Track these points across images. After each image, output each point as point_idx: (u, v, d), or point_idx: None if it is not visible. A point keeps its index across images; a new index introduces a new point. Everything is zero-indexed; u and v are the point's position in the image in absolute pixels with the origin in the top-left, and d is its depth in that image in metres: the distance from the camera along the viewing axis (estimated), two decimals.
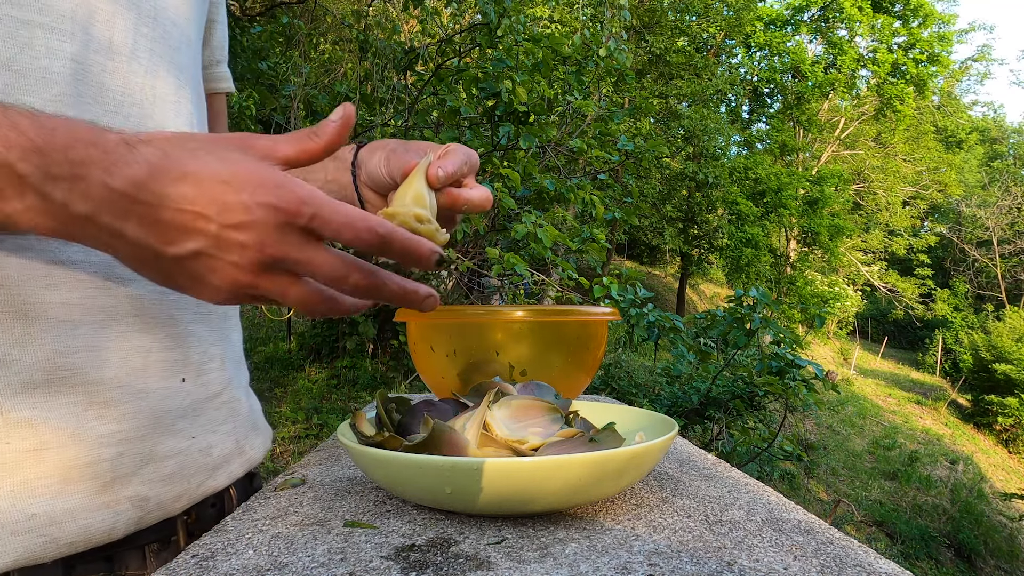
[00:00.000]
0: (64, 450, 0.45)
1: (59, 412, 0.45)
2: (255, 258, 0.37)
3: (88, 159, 0.35)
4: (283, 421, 4.58)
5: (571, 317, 0.77)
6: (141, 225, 0.36)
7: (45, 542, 0.44)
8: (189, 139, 0.38)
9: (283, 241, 0.37)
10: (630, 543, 0.45)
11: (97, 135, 0.36)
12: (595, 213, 3.97)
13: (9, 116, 0.35)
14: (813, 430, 11.50)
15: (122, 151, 0.36)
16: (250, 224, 0.36)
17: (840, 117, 21.75)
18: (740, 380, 4.30)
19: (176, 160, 0.36)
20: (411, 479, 0.48)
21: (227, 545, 0.46)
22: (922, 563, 7.76)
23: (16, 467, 0.43)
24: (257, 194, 0.36)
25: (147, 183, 0.35)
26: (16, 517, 0.43)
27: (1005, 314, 18.53)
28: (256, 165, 0.37)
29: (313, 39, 6.00)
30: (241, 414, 0.63)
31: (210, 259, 0.37)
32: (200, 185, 0.36)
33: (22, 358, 0.43)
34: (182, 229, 0.36)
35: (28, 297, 0.43)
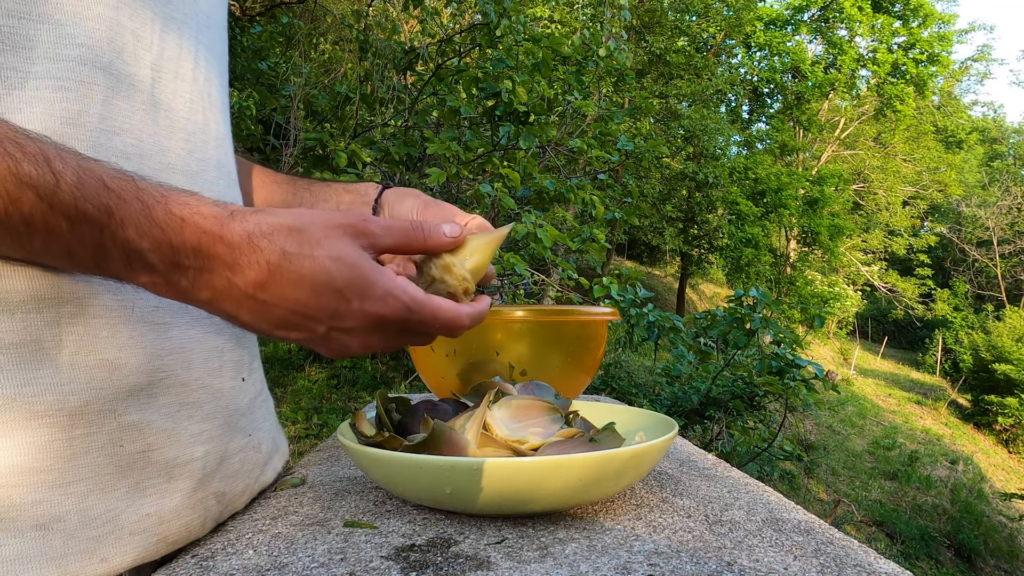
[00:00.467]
0: (165, 450, 0.47)
1: (160, 413, 0.47)
2: (356, 351, 0.44)
3: (214, 255, 0.39)
4: (283, 421, 4.58)
5: (571, 317, 0.77)
6: (255, 315, 0.41)
7: (157, 540, 0.46)
8: (306, 232, 0.40)
9: (382, 338, 0.43)
10: (630, 543, 0.45)
11: (223, 225, 0.39)
12: (595, 213, 3.97)
13: (144, 200, 0.38)
14: (813, 430, 11.49)
15: (245, 248, 0.39)
16: (357, 329, 0.42)
17: (840, 117, 21.74)
18: (740, 380, 4.30)
19: (294, 260, 0.39)
20: (411, 479, 0.48)
21: (227, 545, 0.46)
22: (922, 563, 7.76)
23: (129, 469, 0.45)
24: (366, 303, 0.41)
25: (267, 285, 0.39)
26: (132, 517, 0.45)
27: (1005, 314, 18.53)
28: (367, 271, 0.41)
29: (313, 39, 5.99)
30: (272, 411, 0.66)
31: (314, 345, 0.43)
32: (315, 290, 0.40)
33: (129, 361, 0.45)
34: (291, 325, 0.41)
35: (132, 301, 0.45)
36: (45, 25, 0.41)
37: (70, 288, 0.41)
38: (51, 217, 0.35)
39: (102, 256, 0.37)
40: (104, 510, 0.43)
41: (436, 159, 3.88)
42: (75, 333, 0.42)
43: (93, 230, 0.36)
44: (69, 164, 0.36)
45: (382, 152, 3.72)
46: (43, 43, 0.41)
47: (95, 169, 0.37)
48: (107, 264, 0.38)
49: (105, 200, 0.36)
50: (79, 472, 0.42)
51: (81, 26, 0.43)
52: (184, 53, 0.52)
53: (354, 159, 3.31)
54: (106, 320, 0.43)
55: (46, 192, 0.35)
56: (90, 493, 0.42)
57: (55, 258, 0.38)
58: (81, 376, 0.42)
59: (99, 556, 0.43)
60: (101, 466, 0.43)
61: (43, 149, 0.36)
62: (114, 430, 0.44)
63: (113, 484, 0.44)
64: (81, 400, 0.42)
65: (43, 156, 0.35)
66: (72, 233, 0.36)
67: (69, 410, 0.41)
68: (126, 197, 0.37)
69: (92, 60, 0.43)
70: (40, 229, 0.36)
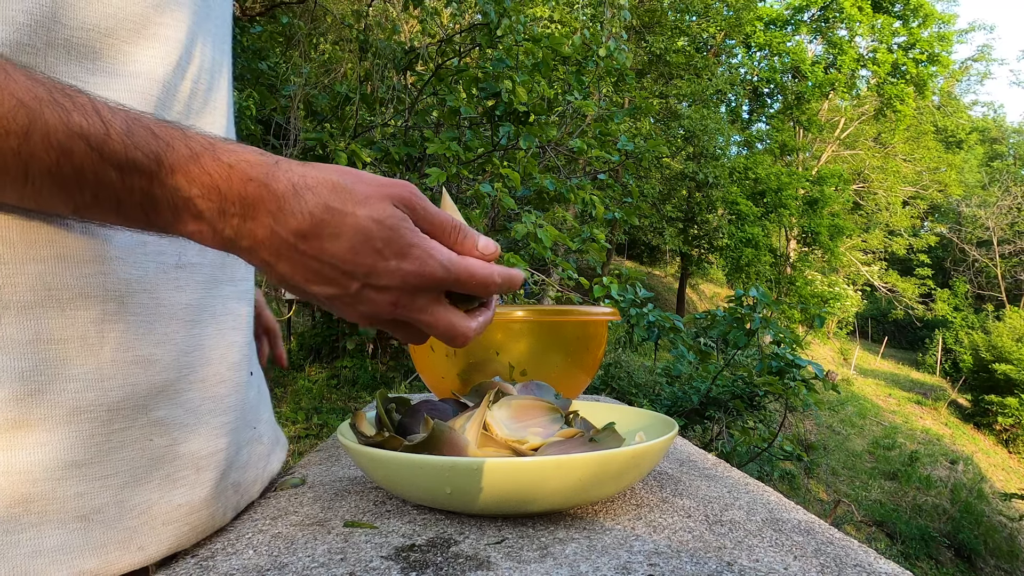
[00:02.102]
0: (191, 443, 0.48)
1: (185, 408, 0.48)
2: (384, 313, 0.42)
3: (259, 201, 0.39)
4: (283, 421, 4.58)
5: (571, 317, 0.77)
6: (292, 266, 0.40)
7: (188, 530, 0.48)
8: (351, 189, 0.41)
9: (413, 303, 0.42)
10: (630, 543, 0.45)
11: (268, 174, 0.39)
12: (595, 213, 3.97)
13: (192, 147, 0.38)
14: (813, 430, 11.49)
15: (289, 198, 0.39)
16: (392, 288, 0.41)
17: (840, 117, 21.74)
18: (740, 380, 4.30)
19: (336, 215, 0.39)
20: (411, 479, 0.48)
21: (227, 545, 0.46)
22: (922, 563, 7.76)
23: (160, 461, 0.46)
24: (404, 263, 0.40)
25: (308, 236, 0.39)
26: (165, 508, 0.46)
27: (1005, 314, 18.53)
28: (407, 234, 0.41)
29: (313, 39, 6.00)
30: (270, 405, 0.67)
31: (344, 304, 0.42)
32: (354, 247, 0.40)
33: (163, 357, 0.46)
34: (327, 279, 0.41)
35: (163, 299, 0.46)
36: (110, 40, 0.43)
37: (114, 285, 0.43)
38: (101, 167, 0.36)
39: (151, 206, 0.38)
40: (139, 501, 0.45)
41: (436, 159, 3.88)
42: (116, 330, 0.43)
43: (143, 178, 0.37)
44: (118, 114, 0.37)
45: (382, 152, 3.72)
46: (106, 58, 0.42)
47: (143, 119, 0.38)
48: (155, 214, 0.38)
49: (154, 147, 0.37)
50: (116, 465, 0.43)
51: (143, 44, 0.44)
52: (216, 64, 0.53)
53: (354, 159, 3.31)
54: (143, 317, 0.45)
55: (97, 141, 0.35)
56: (126, 485, 0.44)
57: (103, 211, 0.38)
58: (120, 372, 0.43)
59: (136, 545, 0.44)
60: (136, 459, 0.45)
61: (92, 100, 0.36)
62: (145, 425, 0.45)
63: (147, 476, 0.45)
64: (119, 396, 0.43)
65: (92, 107, 0.36)
66: (122, 183, 0.36)
67: (108, 405, 0.43)
68: (175, 144, 0.37)
69: (151, 74, 0.45)
70: (91, 180, 0.36)
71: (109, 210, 0.38)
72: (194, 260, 0.49)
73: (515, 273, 0.47)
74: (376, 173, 3.64)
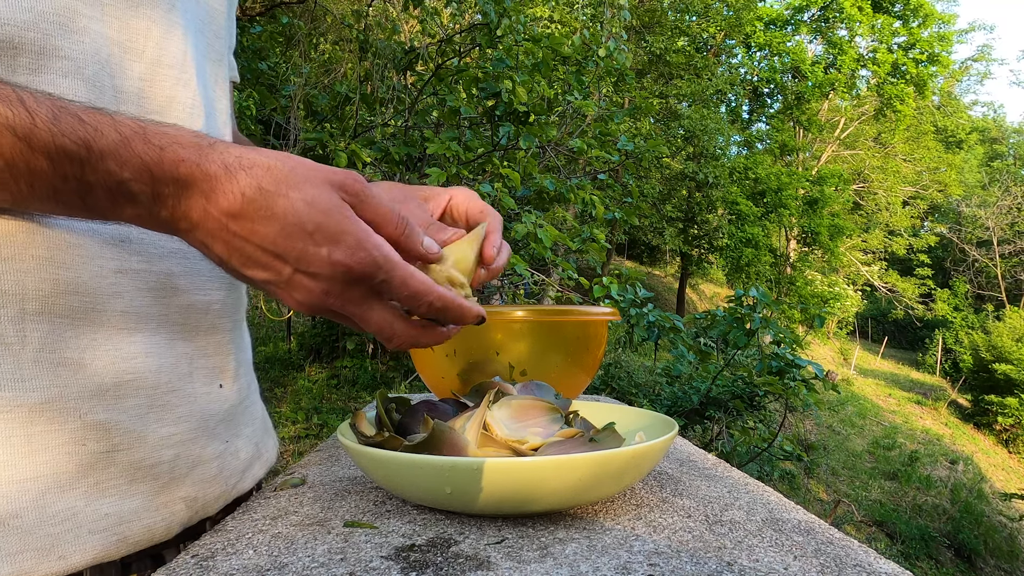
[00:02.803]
0: (131, 452, 0.47)
1: (127, 415, 0.47)
2: (316, 302, 0.42)
3: (192, 182, 0.38)
4: (283, 421, 4.58)
5: (571, 317, 0.77)
6: (227, 248, 0.40)
7: (117, 540, 0.46)
8: (287, 173, 0.40)
9: (345, 294, 0.42)
10: (630, 543, 0.45)
11: (202, 155, 0.39)
12: (595, 213, 3.97)
13: (122, 132, 0.37)
14: (813, 430, 11.49)
15: (222, 178, 0.39)
16: (322, 276, 0.40)
17: (840, 117, 21.74)
18: (740, 380, 4.30)
19: (268, 197, 0.39)
20: (411, 479, 0.48)
21: (227, 545, 0.46)
22: (922, 563, 7.76)
23: (91, 468, 0.44)
24: (335, 251, 0.40)
25: (238, 217, 0.39)
26: (92, 516, 0.44)
27: (1005, 314, 18.53)
28: (339, 217, 0.40)
29: (313, 39, 6.00)
30: (258, 418, 0.65)
31: (277, 289, 0.42)
32: (284, 229, 0.39)
33: (93, 362, 0.44)
34: (259, 263, 0.40)
35: (98, 304, 0.45)
36: (31, 33, 0.41)
37: (36, 285, 0.41)
38: (31, 157, 0.35)
39: (87, 192, 0.37)
40: (62, 508, 0.43)
41: (436, 159, 3.88)
42: (39, 331, 0.42)
43: (74, 165, 0.36)
44: (43, 103, 0.36)
45: (382, 152, 3.72)
46: (26, 54, 0.41)
47: (69, 107, 0.37)
48: (93, 200, 0.38)
49: (82, 134, 0.36)
50: (37, 469, 0.42)
51: (67, 39, 0.43)
52: (187, 60, 0.52)
53: (354, 159, 3.31)
54: (71, 320, 0.43)
55: (23, 131, 0.35)
56: (48, 490, 0.42)
57: (42, 201, 0.38)
58: (44, 374, 0.42)
59: (57, 554, 0.42)
60: (61, 464, 0.43)
61: (16, 91, 0.36)
62: (78, 429, 0.43)
63: (73, 483, 0.43)
64: (42, 397, 0.42)
65: (16, 97, 0.35)
66: (54, 171, 0.36)
67: (29, 407, 0.41)
68: (103, 130, 0.37)
69: (74, 72, 0.43)
70: (23, 170, 0.36)
71: (47, 199, 0.37)
72: (138, 267, 0.48)
73: (461, 306, 0.45)
74: (376, 173, 3.60)
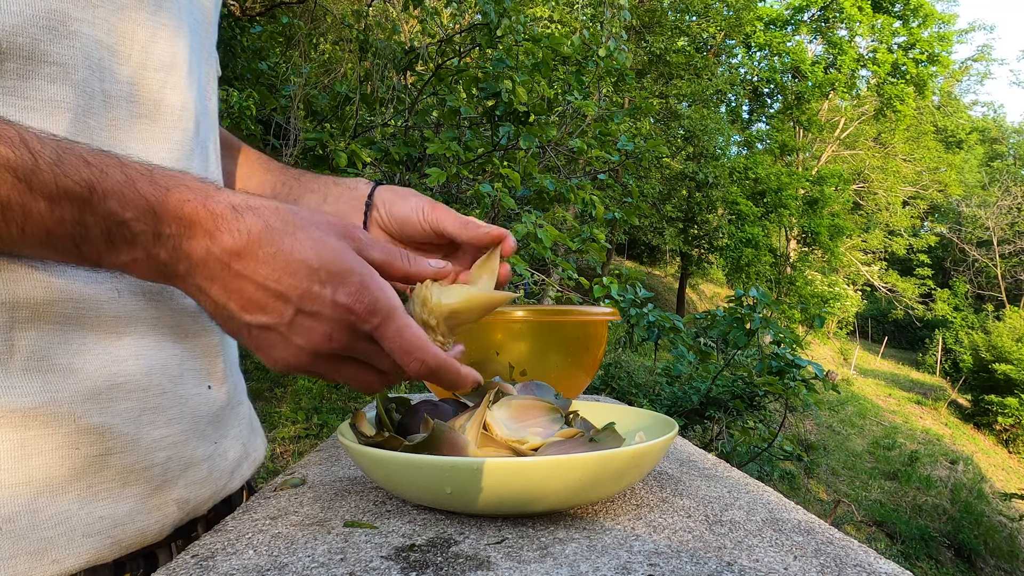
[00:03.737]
0: (124, 455, 0.47)
1: (120, 418, 0.46)
2: (320, 345, 0.41)
3: (196, 221, 0.38)
4: (283, 421, 4.58)
5: (571, 317, 0.77)
6: (226, 290, 0.39)
7: (111, 543, 0.46)
8: (294, 214, 0.40)
9: (349, 338, 0.41)
10: (630, 543, 0.45)
11: (207, 195, 0.38)
12: (595, 213, 3.97)
13: (128, 173, 0.37)
14: (813, 430, 11.49)
15: (228, 217, 0.38)
16: (324, 318, 0.39)
17: (840, 117, 21.74)
18: (740, 380, 4.30)
19: (276, 234, 0.39)
20: (411, 479, 0.48)
21: (227, 545, 0.46)
22: (922, 563, 7.76)
23: (84, 472, 0.44)
24: (339, 291, 0.39)
25: (243, 255, 0.38)
26: (86, 519, 0.44)
27: (1005, 314, 18.53)
28: (346, 257, 0.40)
29: (313, 39, 6.00)
30: (244, 418, 0.64)
31: (279, 335, 0.40)
32: (290, 267, 0.39)
33: (84, 366, 0.44)
34: (260, 305, 0.39)
35: (90, 309, 0.45)
36: (20, 38, 0.40)
37: (27, 292, 0.41)
38: (30, 200, 0.35)
39: (82, 235, 0.37)
40: (56, 512, 0.43)
41: (436, 159, 3.88)
42: (28, 338, 0.41)
43: (73, 207, 0.36)
44: (48, 144, 0.36)
45: (382, 152, 3.72)
46: (14, 59, 0.40)
47: (75, 148, 0.37)
48: (87, 245, 0.37)
49: (86, 175, 0.36)
50: (30, 473, 0.41)
51: (57, 43, 0.42)
52: (176, 62, 0.51)
53: (354, 159, 3.31)
54: (60, 327, 0.43)
55: (24, 173, 0.34)
56: (41, 494, 0.42)
57: (32, 246, 0.37)
58: (33, 381, 0.42)
59: (51, 557, 0.42)
60: (54, 468, 0.43)
61: (20, 132, 0.35)
62: (72, 433, 0.43)
63: (65, 487, 0.43)
64: (35, 403, 0.42)
65: (20, 138, 0.35)
66: (51, 213, 0.35)
67: (22, 412, 0.41)
68: (108, 171, 0.37)
69: (63, 77, 0.42)
70: (17, 214, 0.35)
71: (37, 244, 0.37)
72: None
73: (458, 371, 0.44)
74: (376, 173, 3.59)
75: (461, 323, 0.49)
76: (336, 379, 0.44)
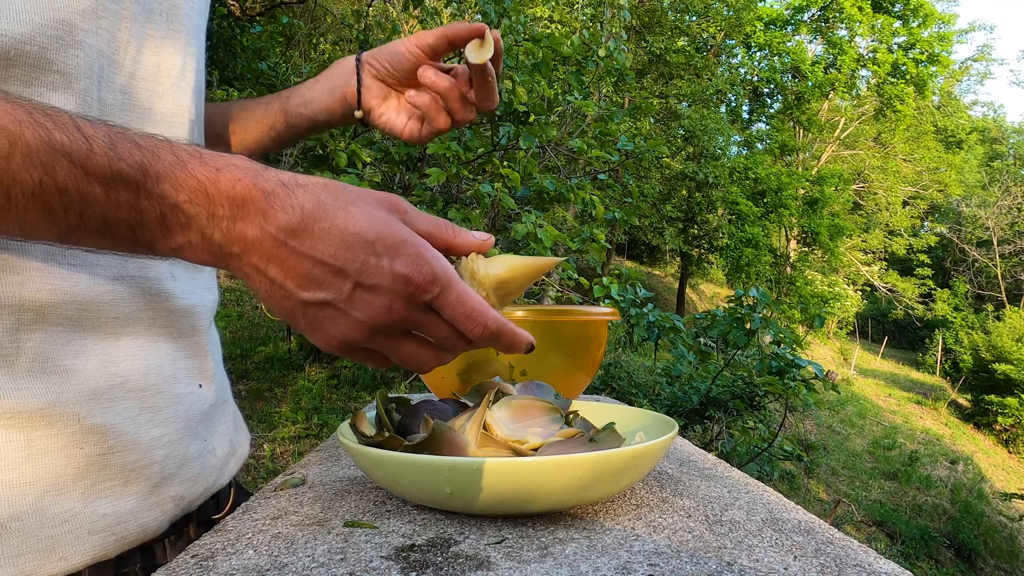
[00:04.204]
0: (125, 454, 0.48)
1: (120, 418, 0.47)
2: (380, 318, 0.40)
3: (249, 200, 0.38)
4: (283, 421, 4.58)
5: (571, 317, 0.77)
6: (283, 268, 0.39)
7: (115, 540, 0.47)
8: (343, 189, 0.40)
9: (409, 308, 0.40)
10: (630, 543, 0.45)
11: (257, 174, 0.38)
12: (595, 213, 3.97)
13: (179, 155, 0.37)
14: (813, 430, 11.50)
15: (280, 194, 0.38)
16: (383, 289, 0.39)
17: (840, 117, 21.74)
18: (740, 380, 4.30)
19: (329, 210, 0.39)
20: (411, 479, 0.48)
21: (227, 545, 0.46)
22: (922, 563, 7.76)
23: (87, 470, 0.45)
24: (396, 263, 0.39)
25: (298, 232, 0.38)
26: (91, 517, 0.45)
27: (1005, 314, 18.53)
28: (398, 228, 0.40)
29: (313, 39, 6.00)
30: (230, 415, 0.65)
31: (337, 311, 0.40)
32: (346, 241, 0.38)
33: (85, 367, 0.45)
34: (317, 281, 0.39)
35: (93, 311, 0.45)
36: (28, 46, 0.41)
37: (32, 295, 0.42)
38: (85, 184, 0.35)
39: (137, 220, 0.37)
40: (62, 510, 0.44)
41: (436, 159, 3.88)
42: (33, 340, 0.42)
43: (128, 191, 0.36)
44: (100, 129, 0.36)
45: (382, 152, 3.72)
46: (20, 66, 0.41)
47: (126, 133, 0.37)
48: (142, 229, 0.37)
49: (139, 158, 0.36)
50: (36, 473, 0.42)
51: (63, 52, 0.43)
52: (163, 71, 0.52)
53: (354, 159, 3.31)
54: (64, 328, 0.44)
55: (79, 157, 0.35)
56: (47, 493, 0.43)
57: (88, 233, 0.37)
58: (38, 382, 0.42)
59: (58, 555, 0.43)
60: (59, 467, 0.43)
61: (73, 118, 0.36)
62: (76, 433, 0.44)
63: (70, 486, 0.44)
64: (40, 403, 0.42)
65: (73, 124, 0.35)
66: (107, 197, 0.36)
67: (28, 413, 0.42)
68: (160, 154, 0.37)
69: (64, 86, 0.43)
70: (75, 199, 0.35)
71: (95, 230, 0.37)
72: (135, 273, 0.48)
73: (514, 331, 0.43)
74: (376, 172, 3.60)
75: (510, 292, 0.49)
76: (392, 358, 0.43)
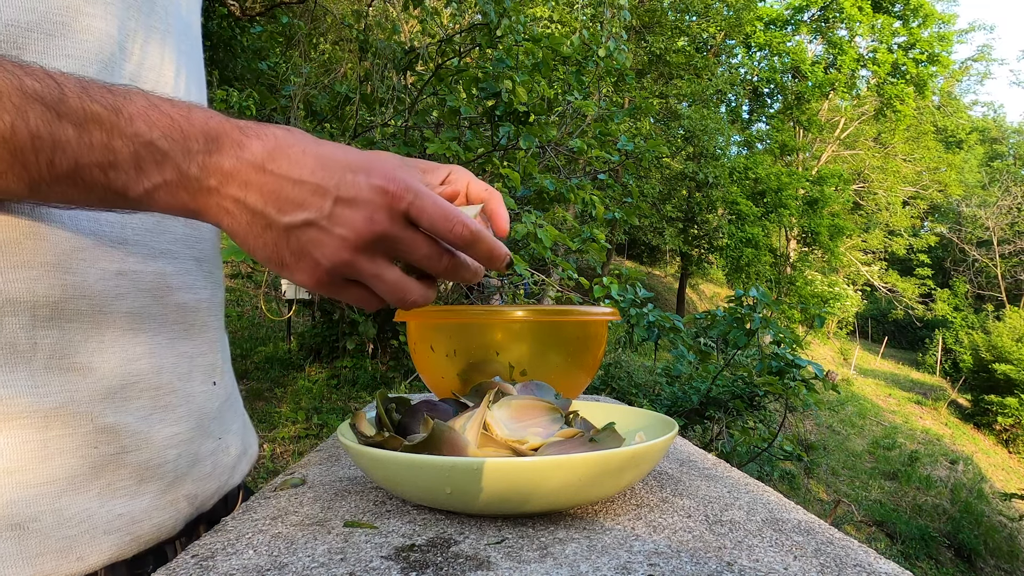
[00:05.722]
0: (139, 453, 0.48)
1: (134, 416, 0.47)
2: (363, 232, 0.40)
3: (223, 133, 0.39)
4: (283, 421, 4.58)
5: (571, 317, 0.77)
6: (263, 194, 0.39)
7: (130, 539, 0.47)
8: (305, 132, 0.42)
9: (390, 219, 0.40)
10: (630, 543, 0.45)
11: (228, 118, 0.40)
12: (595, 213, 3.97)
13: (151, 100, 0.38)
14: (813, 430, 11.50)
15: (252, 128, 0.40)
16: (362, 202, 0.40)
17: (840, 117, 21.74)
18: (740, 380, 4.30)
19: (300, 138, 0.41)
20: (411, 479, 0.48)
21: (227, 545, 0.46)
22: (922, 563, 7.76)
23: (103, 470, 0.45)
24: (372, 176, 0.40)
25: (275, 155, 0.39)
26: (106, 517, 0.45)
27: (1005, 314, 18.53)
28: (373, 155, 0.42)
29: (313, 39, 6.00)
30: (240, 414, 0.65)
31: (319, 231, 0.40)
32: (321, 160, 0.40)
33: (101, 365, 0.45)
34: (297, 202, 0.40)
35: (103, 306, 0.45)
36: (34, 34, 0.41)
37: (46, 291, 0.42)
38: (58, 127, 0.35)
39: (110, 161, 0.37)
40: (79, 510, 0.44)
41: (436, 159, 3.88)
42: (50, 337, 0.42)
43: (101, 130, 0.36)
44: (70, 78, 0.37)
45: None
46: (29, 54, 0.41)
47: (96, 81, 0.38)
48: (115, 171, 0.37)
49: (111, 100, 0.37)
50: (53, 472, 0.42)
51: (70, 38, 0.43)
52: (165, 63, 0.52)
53: None
54: (79, 324, 0.44)
55: (52, 101, 0.35)
56: (64, 493, 0.43)
57: (60, 182, 0.37)
58: (55, 379, 0.42)
59: (75, 555, 0.43)
60: (75, 467, 0.43)
61: (44, 69, 0.36)
62: (90, 432, 0.44)
63: (87, 485, 0.44)
64: (56, 402, 0.42)
65: (44, 72, 0.36)
66: (80, 139, 0.36)
67: (44, 412, 0.42)
68: (132, 97, 0.38)
69: (79, 71, 0.43)
70: (47, 143, 0.35)
71: (66, 177, 0.37)
72: (136, 267, 0.48)
73: (491, 239, 0.43)
74: None
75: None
76: (377, 287, 0.43)
